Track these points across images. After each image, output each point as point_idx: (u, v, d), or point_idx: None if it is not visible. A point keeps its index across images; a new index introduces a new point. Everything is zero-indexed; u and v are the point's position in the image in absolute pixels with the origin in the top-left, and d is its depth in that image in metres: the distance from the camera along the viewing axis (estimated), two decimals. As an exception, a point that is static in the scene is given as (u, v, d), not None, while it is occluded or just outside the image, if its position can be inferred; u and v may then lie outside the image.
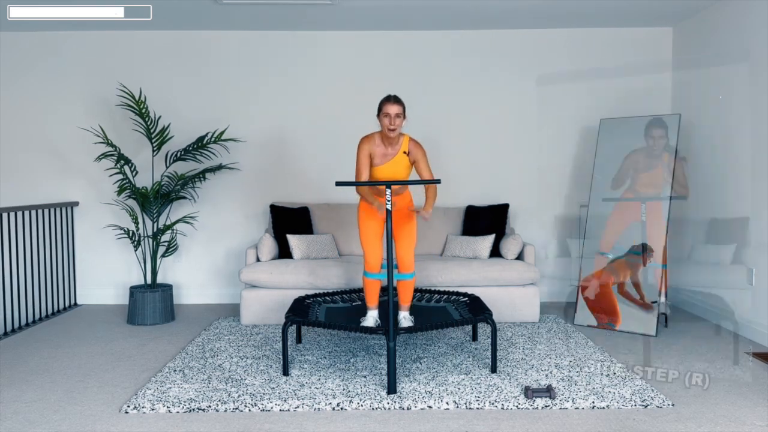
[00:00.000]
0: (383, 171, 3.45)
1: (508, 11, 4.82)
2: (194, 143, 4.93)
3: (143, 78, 5.23)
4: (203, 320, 4.75)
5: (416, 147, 3.48)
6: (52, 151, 5.31)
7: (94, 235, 5.34)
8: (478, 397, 3.03)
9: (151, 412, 2.89)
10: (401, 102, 3.37)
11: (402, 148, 3.45)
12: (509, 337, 4.15)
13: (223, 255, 5.41)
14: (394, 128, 3.32)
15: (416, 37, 5.34)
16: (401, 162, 3.45)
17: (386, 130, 3.34)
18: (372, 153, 3.43)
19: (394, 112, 3.31)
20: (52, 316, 4.90)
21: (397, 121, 3.32)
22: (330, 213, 5.16)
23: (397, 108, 3.32)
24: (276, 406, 2.93)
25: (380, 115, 3.37)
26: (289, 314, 3.50)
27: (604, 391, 3.10)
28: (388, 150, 3.44)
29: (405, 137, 3.48)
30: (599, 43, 5.31)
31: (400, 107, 3.34)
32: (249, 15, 4.85)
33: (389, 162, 3.43)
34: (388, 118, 3.32)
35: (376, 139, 3.45)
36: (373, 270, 3.52)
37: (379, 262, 3.54)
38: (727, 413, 2.87)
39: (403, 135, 3.48)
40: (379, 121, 3.39)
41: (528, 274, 4.55)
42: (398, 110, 3.32)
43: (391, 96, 3.38)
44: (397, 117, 3.32)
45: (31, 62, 5.28)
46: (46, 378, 3.39)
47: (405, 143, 3.46)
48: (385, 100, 3.37)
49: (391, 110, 3.31)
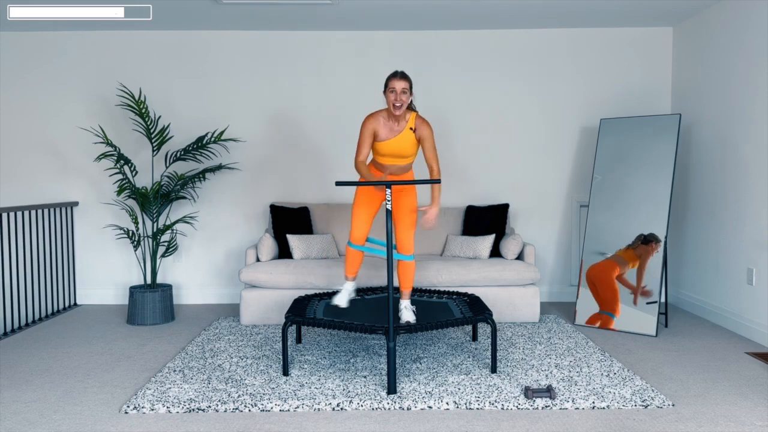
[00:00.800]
0: (388, 146, 3.39)
1: (508, 11, 4.82)
2: (194, 143, 4.93)
3: (143, 78, 5.23)
4: (203, 320, 4.75)
5: (423, 124, 3.40)
6: (52, 151, 5.32)
7: (94, 235, 5.34)
8: (478, 397, 3.03)
9: (150, 413, 2.89)
10: (408, 78, 3.31)
11: (408, 125, 3.39)
12: (509, 337, 4.15)
13: (223, 255, 5.41)
14: (399, 104, 3.27)
15: (416, 37, 5.34)
16: (407, 138, 3.39)
17: (392, 107, 3.29)
18: (376, 131, 3.38)
19: (400, 88, 3.25)
20: (52, 316, 4.90)
21: (403, 97, 3.26)
22: (330, 213, 5.16)
23: (403, 83, 3.26)
24: (276, 407, 2.93)
25: (386, 91, 3.31)
26: (289, 314, 3.50)
27: (604, 391, 3.10)
28: (395, 126, 3.38)
29: (412, 114, 3.41)
30: (599, 43, 5.31)
31: (406, 83, 3.28)
32: (249, 15, 4.85)
33: (395, 138, 3.38)
34: (394, 93, 3.26)
35: (382, 116, 3.38)
36: (356, 242, 3.52)
37: (364, 236, 3.53)
38: (727, 413, 2.87)
39: (411, 112, 3.41)
40: (385, 97, 3.33)
41: (528, 274, 4.55)
42: (404, 86, 3.26)
43: (398, 72, 3.32)
44: (403, 93, 3.26)
45: (31, 62, 5.28)
46: (46, 378, 3.39)
47: (412, 119, 3.40)
48: (391, 75, 3.31)
49: (398, 86, 3.25)
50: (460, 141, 5.38)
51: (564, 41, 5.32)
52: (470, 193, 5.38)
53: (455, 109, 5.37)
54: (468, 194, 5.38)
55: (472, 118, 5.38)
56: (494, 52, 5.36)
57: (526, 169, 5.39)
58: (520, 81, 5.34)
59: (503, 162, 5.40)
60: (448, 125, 5.36)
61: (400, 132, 3.38)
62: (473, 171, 5.41)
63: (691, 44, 5.00)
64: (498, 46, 5.35)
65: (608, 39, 5.30)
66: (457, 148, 5.37)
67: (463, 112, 5.37)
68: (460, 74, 5.36)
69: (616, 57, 5.31)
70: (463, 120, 5.37)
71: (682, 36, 5.15)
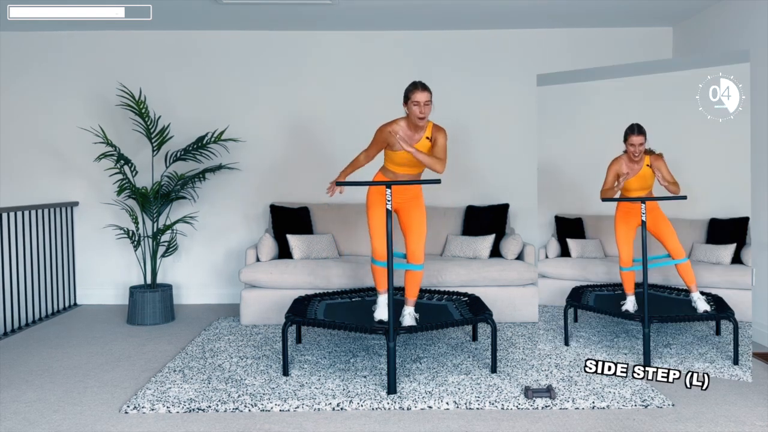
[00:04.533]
0: (404, 156, 3.38)
1: (508, 11, 4.82)
2: (194, 143, 4.93)
3: (143, 78, 5.23)
4: (203, 320, 4.74)
5: (438, 131, 3.41)
6: (52, 151, 5.32)
7: (94, 235, 5.34)
8: (478, 397, 3.03)
9: (150, 413, 2.89)
10: (429, 89, 3.31)
11: (425, 134, 3.40)
12: (509, 337, 4.15)
13: (223, 255, 5.41)
14: (423, 116, 3.27)
15: (416, 37, 5.34)
16: (423, 147, 3.39)
17: (416, 119, 3.28)
18: (390, 142, 3.37)
19: (423, 100, 3.25)
20: (52, 316, 4.90)
21: (426, 109, 3.27)
22: (330, 213, 5.16)
23: (425, 95, 3.26)
24: (276, 407, 2.93)
25: (408, 103, 3.30)
26: (289, 314, 3.50)
27: (604, 391, 3.10)
28: (415, 136, 3.38)
29: (429, 123, 3.42)
30: (599, 43, 5.31)
31: (428, 94, 3.28)
32: (249, 15, 4.85)
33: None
34: (418, 106, 3.26)
35: (400, 127, 3.36)
36: (380, 258, 3.50)
37: (386, 251, 3.48)
38: (727, 413, 2.87)
39: (428, 121, 3.41)
40: (407, 108, 3.32)
41: (528, 274, 4.55)
42: (427, 98, 3.27)
43: (419, 83, 3.30)
44: (426, 105, 3.27)
45: (31, 62, 5.28)
46: (46, 378, 3.39)
47: (429, 129, 3.40)
48: (413, 87, 3.30)
49: (421, 98, 3.25)
50: (460, 141, 5.37)
51: (564, 41, 5.32)
52: (470, 193, 5.38)
53: (456, 108, 5.36)
54: (468, 194, 5.38)
55: (473, 118, 5.38)
56: (494, 52, 5.36)
57: (526, 169, 5.37)
58: (520, 81, 5.33)
59: (503, 162, 5.40)
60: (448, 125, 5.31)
61: (417, 142, 3.38)
62: (473, 171, 5.41)
63: (691, 44, 5.00)
64: (498, 46, 5.35)
65: (608, 39, 5.30)
66: (457, 148, 5.36)
67: (464, 111, 5.37)
68: (461, 74, 5.36)
69: (616, 57, 5.30)
70: (463, 120, 5.37)
71: (682, 36, 5.15)
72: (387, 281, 3.34)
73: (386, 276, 3.42)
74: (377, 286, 3.63)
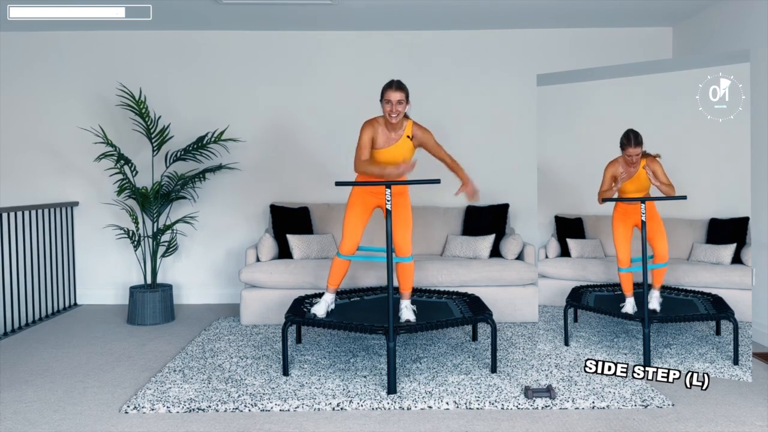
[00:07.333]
0: (386, 154, 3.41)
1: (508, 11, 4.82)
2: (194, 143, 4.93)
3: (143, 78, 5.23)
4: (203, 320, 4.75)
5: (421, 131, 3.43)
6: (51, 151, 5.32)
7: (94, 235, 5.34)
8: (478, 397, 3.03)
9: (151, 413, 2.89)
10: (404, 88, 3.31)
11: (405, 133, 3.41)
12: (509, 337, 4.15)
13: (223, 255, 5.41)
14: (395, 115, 3.29)
15: (416, 37, 5.34)
16: (404, 146, 3.41)
17: (388, 116, 3.31)
18: (375, 137, 3.39)
19: (395, 99, 3.26)
20: (52, 316, 4.90)
21: (398, 108, 3.28)
22: (330, 213, 5.16)
23: (398, 95, 3.27)
24: (276, 406, 2.93)
25: (382, 101, 3.33)
26: (289, 314, 3.50)
27: (604, 391, 3.10)
28: (392, 134, 3.40)
29: (408, 122, 3.42)
30: (599, 43, 5.31)
31: (401, 94, 3.28)
32: (249, 15, 4.85)
33: (393, 146, 3.40)
34: (390, 105, 3.28)
35: (379, 124, 3.40)
36: (347, 253, 3.51)
37: (355, 246, 3.53)
38: (727, 413, 2.87)
39: (407, 119, 3.43)
40: (381, 106, 3.35)
41: (528, 274, 4.56)
42: (400, 97, 3.27)
43: (394, 82, 3.32)
44: (398, 104, 3.27)
45: (31, 62, 5.28)
46: (46, 378, 3.39)
47: (408, 128, 3.41)
48: (387, 86, 3.32)
49: (393, 97, 3.27)
50: (459, 141, 5.36)
51: (564, 41, 5.32)
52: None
53: (455, 108, 5.37)
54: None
55: (472, 117, 5.38)
56: (494, 52, 5.36)
57: (526, 169, 5.38)
58: (520, 81, 5.33)
59: (503, 162, 5.40)
60: (447, 125, 5.35)
61: (397, 140, 3.40)
62: (473, 171, 5.37)
63: (691, 44, 5.00)
64: (498, 46, 5.35)
65: (608, 39, 5.30)
66: (456, 148, 5.32)
67: (463, 111, 5.37)
68: (460, 74, 5.36)
69: (616, 57, 5.30)
70: (462, 120, 5.37)
71: (682, 36, 5.15)
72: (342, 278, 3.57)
73: (343, 273, 3.58)
74: (329, 282, 3.60)
